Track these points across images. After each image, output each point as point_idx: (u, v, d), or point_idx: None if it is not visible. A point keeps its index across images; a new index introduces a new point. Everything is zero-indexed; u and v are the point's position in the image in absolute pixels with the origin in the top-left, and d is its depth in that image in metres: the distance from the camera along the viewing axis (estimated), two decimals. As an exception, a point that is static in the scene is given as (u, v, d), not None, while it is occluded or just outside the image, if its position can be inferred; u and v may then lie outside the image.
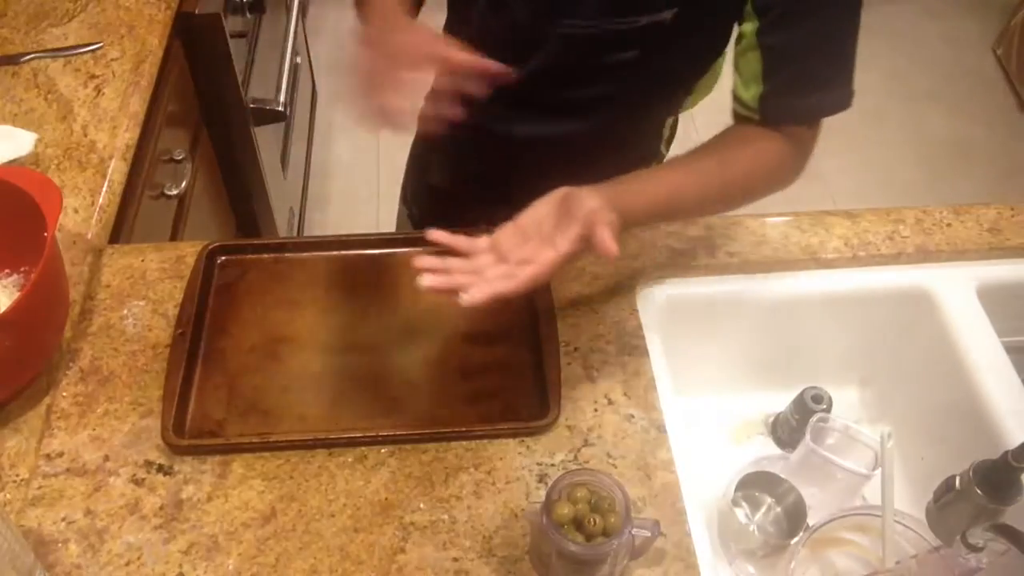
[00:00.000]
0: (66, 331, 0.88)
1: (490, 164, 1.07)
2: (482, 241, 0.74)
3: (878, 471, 0.85)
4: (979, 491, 0.80)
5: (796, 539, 0.86)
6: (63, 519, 0.75)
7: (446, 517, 0.77)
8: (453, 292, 0.69)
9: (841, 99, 0.83)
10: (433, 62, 0.77)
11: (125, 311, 0.91)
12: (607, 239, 0.69)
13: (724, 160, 0.83)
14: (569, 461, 0.81)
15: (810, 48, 0.80)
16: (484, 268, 0.71)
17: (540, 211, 0.74)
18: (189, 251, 0.96)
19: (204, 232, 1.47)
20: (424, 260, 0.71)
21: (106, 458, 0.79)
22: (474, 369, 0.87)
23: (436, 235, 0.75)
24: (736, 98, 0.84)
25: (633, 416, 0.84)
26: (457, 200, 1.11)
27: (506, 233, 0.74)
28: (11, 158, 1.03)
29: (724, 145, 0.84)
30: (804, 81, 0.81)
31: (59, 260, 0.85)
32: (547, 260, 0.70)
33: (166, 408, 0.81)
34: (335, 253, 0.98)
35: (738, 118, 0.85)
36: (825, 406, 0.97)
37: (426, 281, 0.70)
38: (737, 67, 0.83)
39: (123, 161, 1.08)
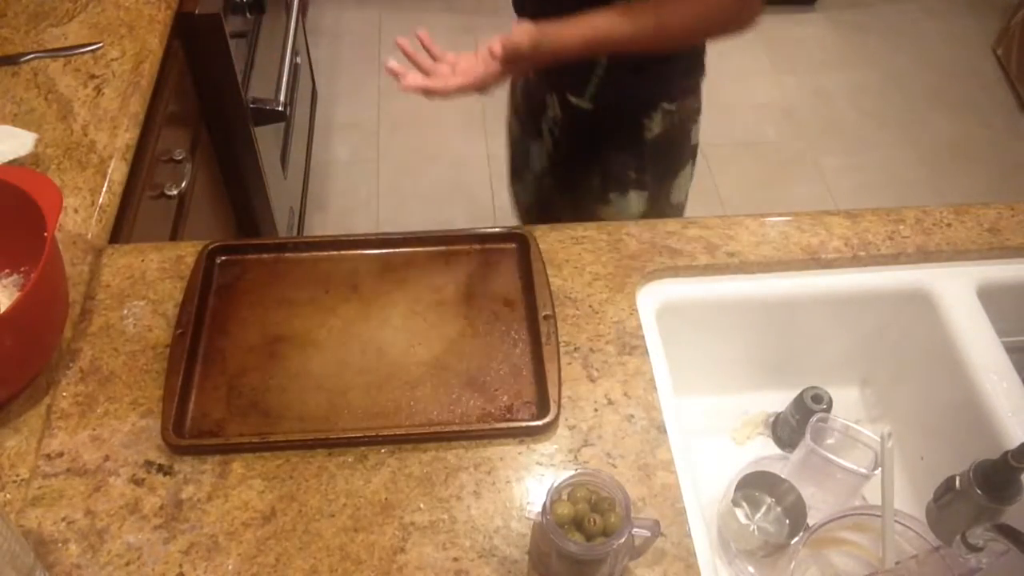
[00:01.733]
0: (66, 331, 0.88)
1: None
2: (449, 56, 0.95)
3: (878, 471, 0.85)
4: (979, 491, 0.80)
5: (796, 539, 0.86)
6: (63, 519, 0.76)
7: (446, 517, 0.77)
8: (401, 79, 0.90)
9: None
10: None
11: (125, 311, 0.91)
12: (494, 43, 0.90)
13: (662, 2, 0.95)
14: (569, 461, 0.81)
15: None
16: (435, 72, 0.94)
17: (491, 42, 0.92)
18: (189, 251, 0.96)
19: (204, 232, 1.47)
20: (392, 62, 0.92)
21: (106, 458, 0.79)
22: (474, 369, 0.87)
23: (400, 41, 0.94)
24: None
25: (633, 416, 0.84)
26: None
27: (465, 57, 0.96)
28: (11, 158, 1.03)
29: None
30: None
31: (59, 260, 0.85)
32: (474, 74, 0.94)
33: (166, 408, 0.81)
34: (335, 253, 0.98)
35: None
36: (825, 406, 0.97)
37: (392, 64, 0.91)
38: None
39: (123, 161, 1.08)
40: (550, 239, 0.98)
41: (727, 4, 0.95)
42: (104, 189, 1.03)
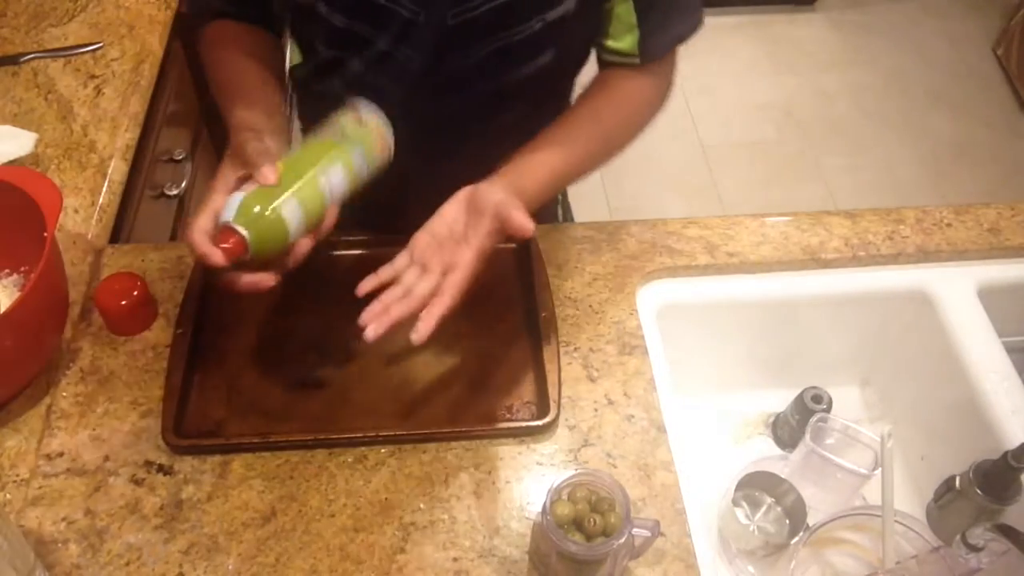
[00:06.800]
0: (66, 331, 0.88)
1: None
2: (402, 258, 0.76)
3: (878, 471, 0.85)
4: (979, 491, 0.81)
5: (796, 539, 0.86)
6: (63, 519, 0.76)
7: (446, 517, 0.77)
8: (398, 326, 0.72)
9: (699, 20, 0.89)
10: None
11: (125, 311, 0.91)
12: (522, 220, 0.73)
13: (600, 117, 0.88)
14: (569, 461, 0.81)
15: None
16: (412, 285, 0.74)
17: (449, 214, 0.77)
18: (189, 251, 0.96)
19: (204, 232, 1.47)
20: (363, 317, 0.72)
21: (106, 458, 0.79)
22: (474, 369, 0.87)
23: (364, 288, 0.75)
24: (608, 50, 0.89)
25: (633, 416, 0.84)
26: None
27: (421, 241, 0.76)
28: (11, 158, 1.03)
29: (596, 100, 0.89)
30: (671, 15, 0.87)
31: (59, 260, 0.85)
32: (467, 262, 0.74)
33: (166, 408, 0.81)
34: (335, 253, 0.98)
35: (606, 65, 0.91)
36: (825, 406, 0.97)
37: (369, 335, 0.71)
38: (606, 25, 0.87)
39: (123, 161, 1.08)
40: (550, 239, 0.98)
41: (651, 85, 0.90)
42: (104, 189, 1.03)
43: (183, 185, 1.31)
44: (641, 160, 2.55)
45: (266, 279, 0.74)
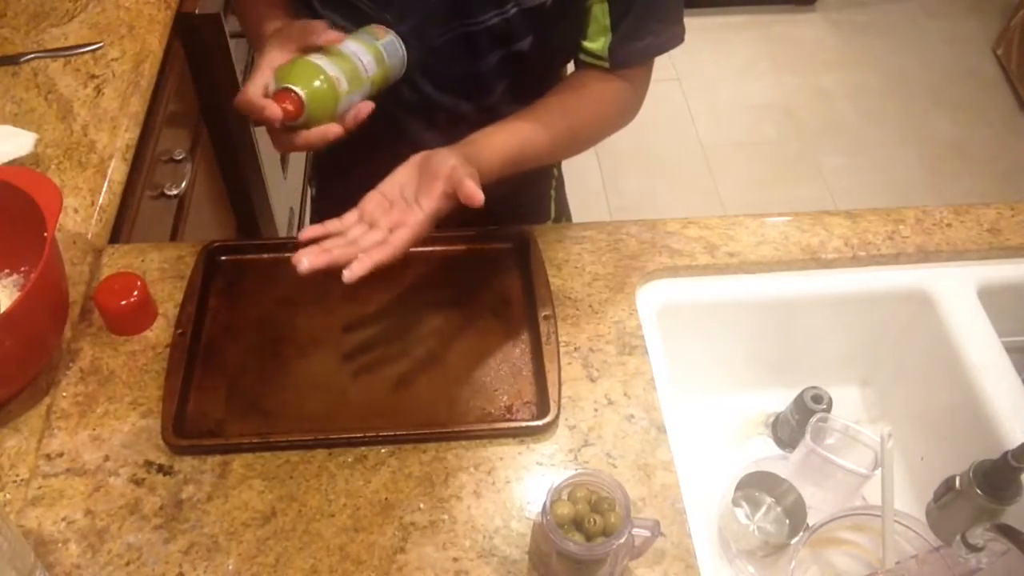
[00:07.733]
0: (66, 331, 0.88)
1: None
2: (351, 215, 0.77)
3: (878, 471, 0.85)
4: (979, 491, 0.80)
5: (796, 539, 0.86)
6: (63, 519, 0.76)
7: (446, 517, 0.77)
8: (334, 269, 0.71)
9: (677, 35, 0.90)
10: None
11: (125, 311, 0.91)
12: (472, 188, 0.73)
13: (568, 109, 0.89)
14: (569, 461, 0.81)
15: None
16: (358, 238, 0.74)
17: (401, 176, 0.78)
18: (189, 251, 0.96)
19: (204, 232, 1.47)
20: (298, 254, 0.73)
21: (106, 458, 0.79)
22: (474, 369, 0.87)
23: (308, 233, 0.75)
24: (582, 49, 0.90)
25: (633, 416, 0.84)
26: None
27: (371, 201, 0.77)
28: (11, 158, 1.03)
29: (568, 94, 0.90)
30: (647, 24, 0.87)
31: (59, 260, 0.85)
32: (417, 221, 0.75)
33: (166, 408, 0.81)
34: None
35: (581, 65, 0.92)
36: (825, 406, 0.97)
37: (303, 265, 0.71)
38: (585, 24, 0.88)
39: (123, 161, 1.08)
40: (550, 239, 0.98)
41: (624, 91, 0.91)
42: (104, 189, 1.03)
43: (183, 185, 1.31)
44: (641, 160, 2.55)
45: (332, 128, 0.77)
